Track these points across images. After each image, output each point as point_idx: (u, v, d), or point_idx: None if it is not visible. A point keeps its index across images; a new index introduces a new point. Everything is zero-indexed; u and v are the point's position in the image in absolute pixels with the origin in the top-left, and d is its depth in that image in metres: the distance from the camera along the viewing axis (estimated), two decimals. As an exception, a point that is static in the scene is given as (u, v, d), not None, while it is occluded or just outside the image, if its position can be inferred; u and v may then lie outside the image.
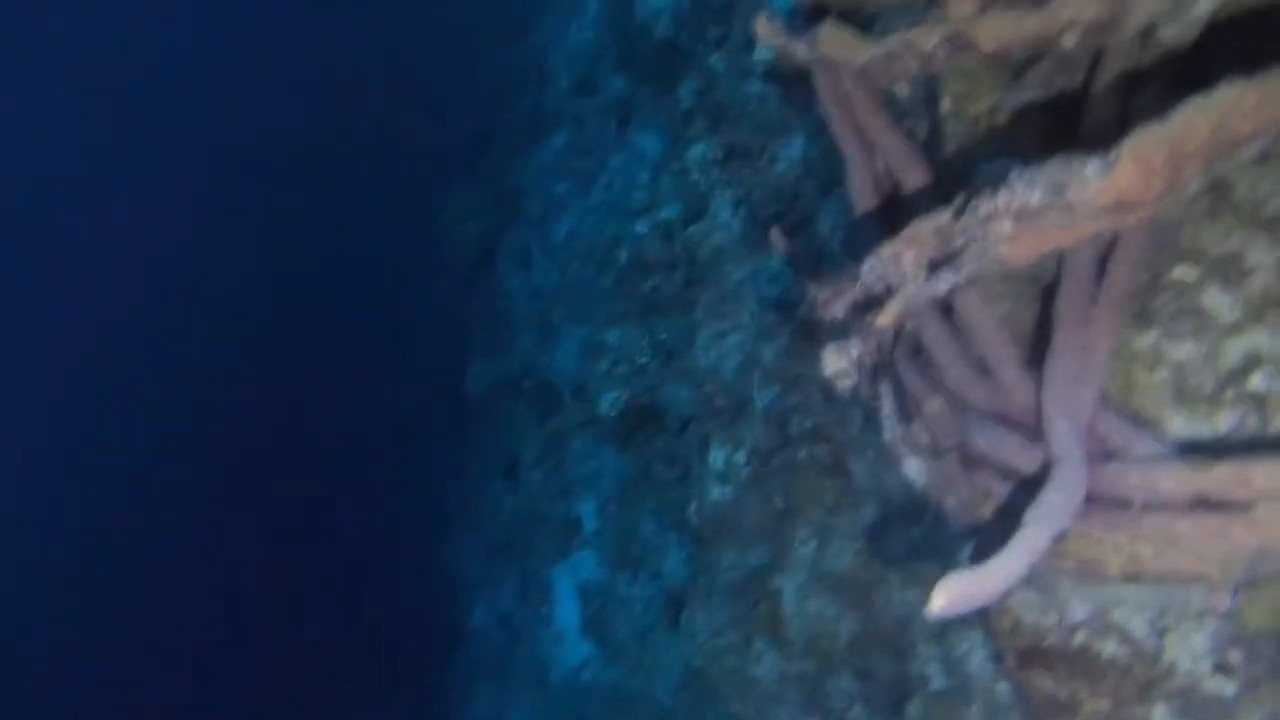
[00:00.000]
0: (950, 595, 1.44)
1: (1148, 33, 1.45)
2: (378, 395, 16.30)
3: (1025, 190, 1.46)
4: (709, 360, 4.99)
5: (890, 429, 2.43)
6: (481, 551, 10.94)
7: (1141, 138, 1.38)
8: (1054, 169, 1.45)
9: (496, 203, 12.07)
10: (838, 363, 1.62)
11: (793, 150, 4.97)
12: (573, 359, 8.97)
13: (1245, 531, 1.56)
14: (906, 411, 2.42)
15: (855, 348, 1.62)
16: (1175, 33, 1.41)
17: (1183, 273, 2.03)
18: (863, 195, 2.16)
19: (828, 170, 4.69)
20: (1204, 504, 1.62)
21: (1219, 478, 1.58)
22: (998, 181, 1.52)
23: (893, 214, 2.06)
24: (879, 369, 2.53)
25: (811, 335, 4.19)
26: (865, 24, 1.97)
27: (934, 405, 2.21)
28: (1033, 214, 1.48)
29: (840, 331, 2.05)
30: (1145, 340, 2.06)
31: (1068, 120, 2.20)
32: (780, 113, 5.18)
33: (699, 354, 5.09)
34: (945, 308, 2.12)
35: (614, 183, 8.64)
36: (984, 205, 1.51)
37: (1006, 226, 1.52)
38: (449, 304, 13.04)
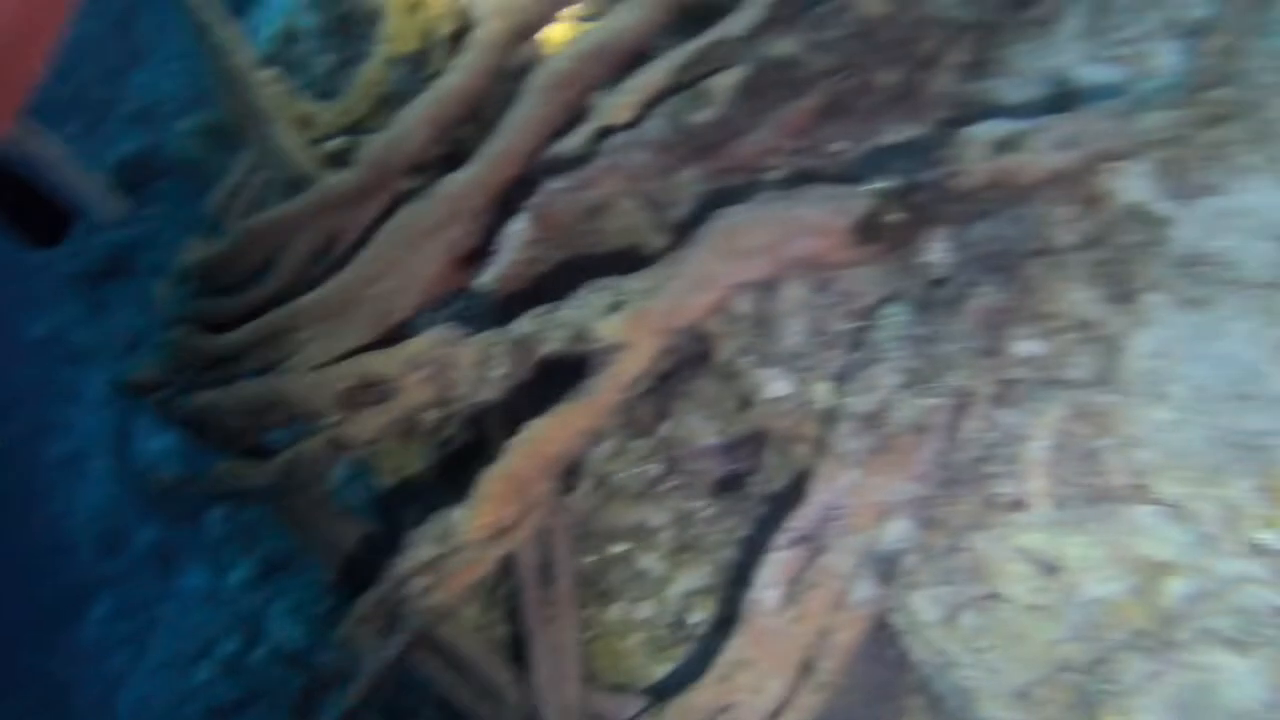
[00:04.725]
0: None
1: (475, 399, 1.84)
2: None
3: (417, 549, 1.71)
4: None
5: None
6: None
7: (486, 479, 1.72)
8: (435, 523, 1.73)
9: (34, 713, 10.32)
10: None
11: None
12: None
13: None
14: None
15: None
16: (488, 395, 1.80)
17: (618, 549, 2.44)
18: (339, 585, 2.31)
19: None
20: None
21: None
22: (403, 547, 1.76)
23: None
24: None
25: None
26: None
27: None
28: (435, 564, 1.73)
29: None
30: (614, 614, 2.38)
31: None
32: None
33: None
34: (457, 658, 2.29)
35: (172, 635, 7.89)
36: (396, 572, 1.73)
37: (423, 581, 1.74)
38: None
